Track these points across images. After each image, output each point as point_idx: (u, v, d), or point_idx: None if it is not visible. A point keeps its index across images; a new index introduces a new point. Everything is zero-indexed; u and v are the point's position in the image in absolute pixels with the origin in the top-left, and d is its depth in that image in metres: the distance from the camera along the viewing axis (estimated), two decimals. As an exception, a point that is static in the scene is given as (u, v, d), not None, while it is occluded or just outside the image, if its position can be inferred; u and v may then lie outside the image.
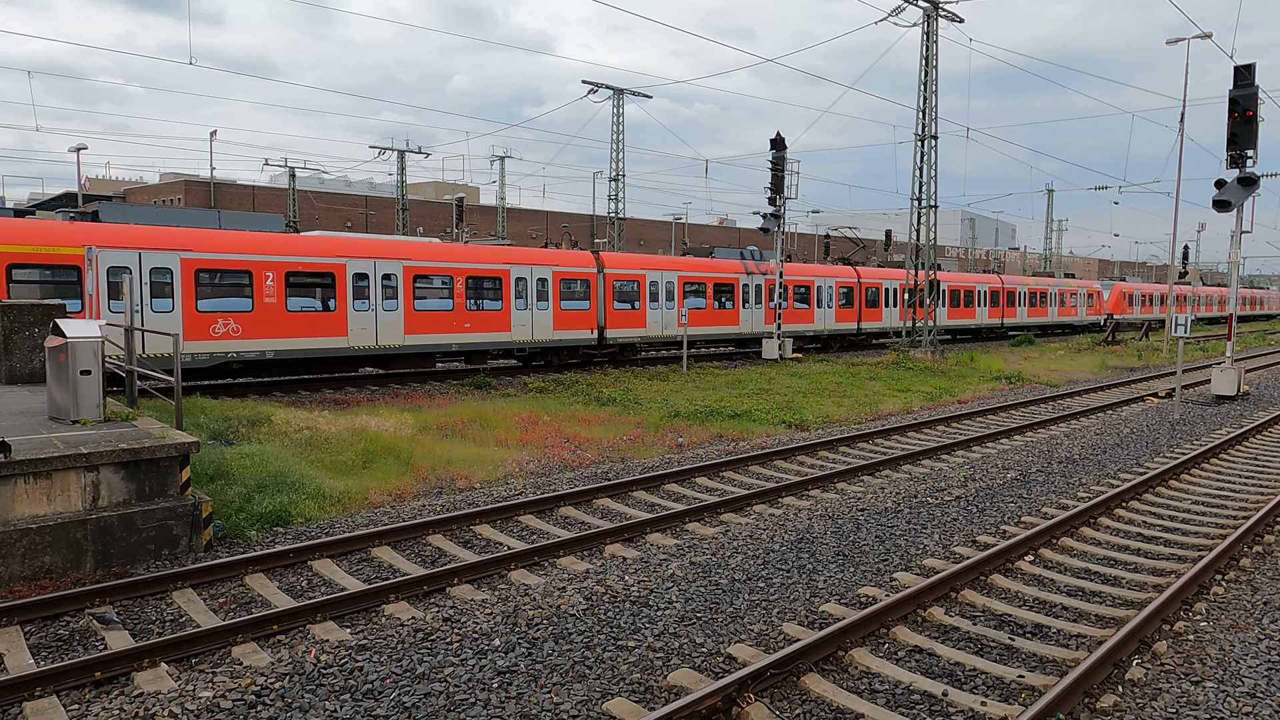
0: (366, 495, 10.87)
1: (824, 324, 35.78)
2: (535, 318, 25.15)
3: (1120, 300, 60.69)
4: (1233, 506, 11.13)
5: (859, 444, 15.33)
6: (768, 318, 32.19)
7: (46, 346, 9.69)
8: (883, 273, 39.35)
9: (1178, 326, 19.52)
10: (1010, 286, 48.00)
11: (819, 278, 35.39)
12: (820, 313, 35.55)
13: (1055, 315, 52.38)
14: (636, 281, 28.07)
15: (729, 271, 31.33)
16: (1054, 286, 52.43)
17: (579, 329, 26.34)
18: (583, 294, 26.44)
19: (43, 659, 6.35)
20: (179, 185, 70.50)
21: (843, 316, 36.65)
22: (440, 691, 5.80)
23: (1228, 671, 6.31)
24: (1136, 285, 64.99)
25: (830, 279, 35.97)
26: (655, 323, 28.50)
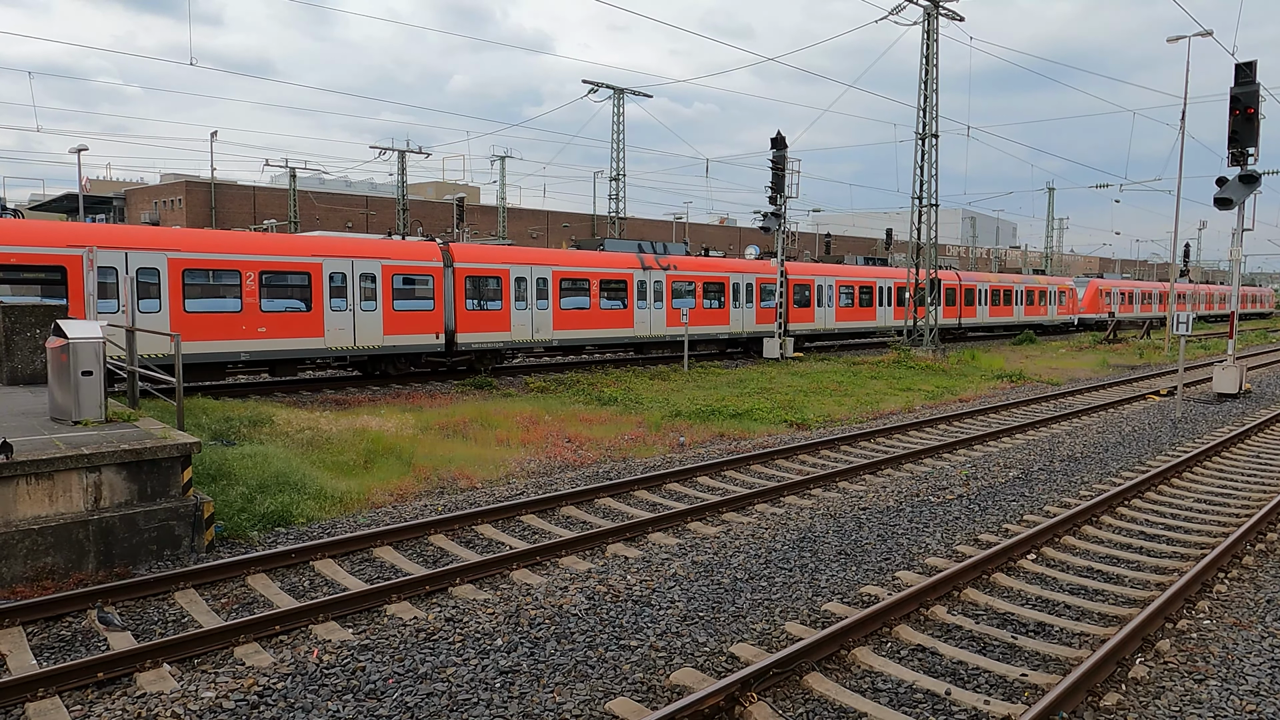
0: (368, 495, 10.87)
1: (742, 325, 31.58)
2: (359, 320, 20.97)
3: (1096, 298, 57.30)
4: (1235, 504, 11.11)
5: (861, 443, 15.32)
6: (669, 318, 28.61)
7: (48, 347, 9.69)
8: (815, 268, 35.82)
9: (1179, 324, 19.50)
10: (969, 284, 44.91)
11: (735, 274, 31.38)
12: (738, 313, 31.47)
13: (1021, 315, 49.14)
14: (498, 278, 23.99)
15: (620, 266, 27.44)
16: (1020, 284, 49.25)
17: (419, 333, 22.20)
18: (425, 293, 22.33)
19: (45, 660, 6.35)
20: (179, 186, 70.53)
21: (765, 318, 32.65)
22: (443, 691, 5.80)
23: (1231, 670, 6.30)
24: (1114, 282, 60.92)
25: (749, 275, 31.88)
26: (523, 326, 24.51)
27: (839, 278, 36.14)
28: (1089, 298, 56.62)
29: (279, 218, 66.65)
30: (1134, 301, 62.99)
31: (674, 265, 29.10)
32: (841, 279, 36.04)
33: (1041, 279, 51.90)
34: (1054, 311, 52.24)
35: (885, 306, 38.58)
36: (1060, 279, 55.18)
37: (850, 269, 37.53)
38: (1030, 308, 49.89)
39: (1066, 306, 53.49)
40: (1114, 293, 59.30)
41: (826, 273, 35.24)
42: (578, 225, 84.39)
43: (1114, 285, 59.75)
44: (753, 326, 32.05)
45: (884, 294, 38.53)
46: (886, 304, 38.64)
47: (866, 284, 37.74)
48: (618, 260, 27.67)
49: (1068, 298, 53.63)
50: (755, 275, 32.17)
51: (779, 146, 30.33)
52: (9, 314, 12.54)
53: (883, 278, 38.76)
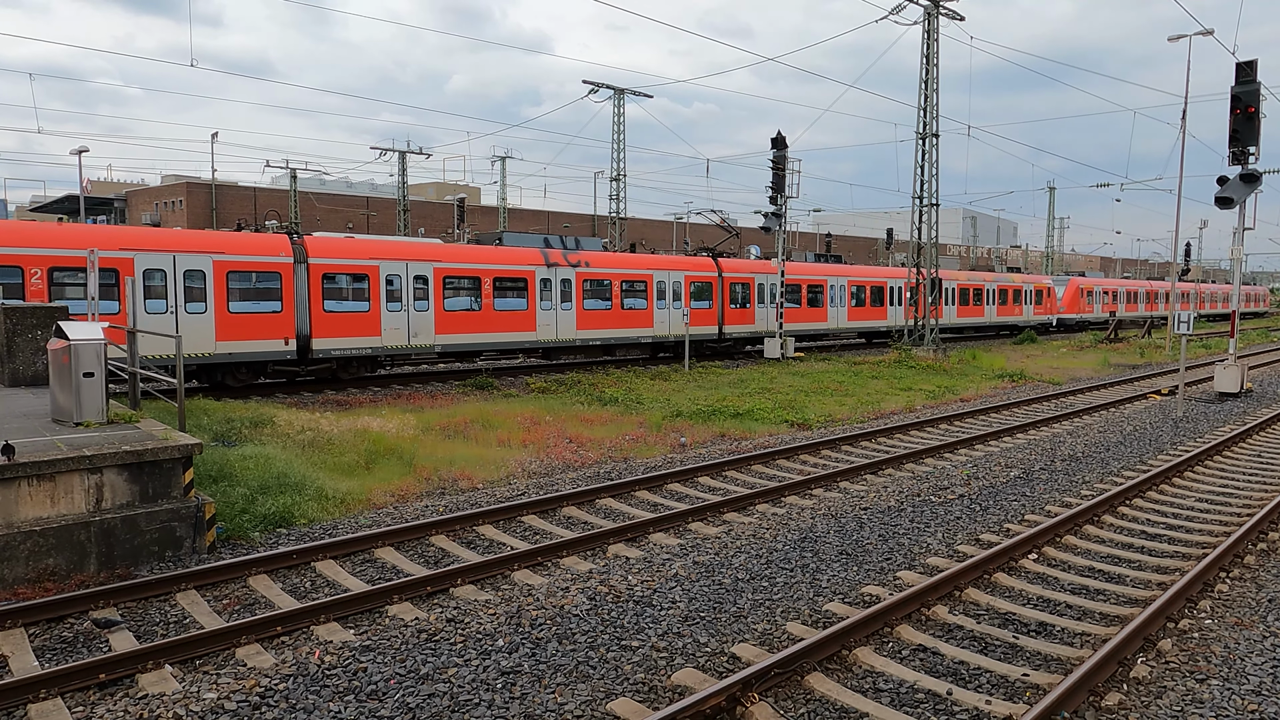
0: (369, 496, 10.87)
1: (668, 329, 28.56)
2: (184, 325, 18.23)
3: (1077, 297, 54.43)
4: (1237, 504, 11.10)
5: (862, 442, 15.31)
6: (580, 320, 25.94)
7: (49, 349, 9.70)
8: (753, 265, 32.52)
9: (1180, 324, 19.50)
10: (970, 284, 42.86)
11: (661, 271, 28.49)
12: (663, 314, 28.48)
13: (994, 315, 46.06)
14: (364, 275, 21.19)
15: (518, 262, 24.58)
16: (992, 282, 46.25)
17: (263, 339, 19.62)
18: (270, 293, 19.68)
19: (47, 661, 6.35)
20: (180, 187, 70.54)
21: (699, 319, 29.83)
22: (444, 692, 5.80)
23: (1233, 669, 6.30)
24: (1097, 281, 58.12)
25: (677, 273, 29.05)
26: (397, 330, 21.69)
27: (688, 272, 31.69)
28: (1069, 297, 54.06)
29: (280, 219, 66.67)
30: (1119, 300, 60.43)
31: (585, 262, 26.22)
32: (695, 274, 31.41)
33: (1016, 277, 49.57)
34: (1030, 311, 49.54)
35: (838, 307, 36.00)
36: (1037, 277, 52.57)
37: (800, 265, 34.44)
38: (1003, 307, 47.25)
39: (1044, 306, 50.96)
40: (1096, 291, 56.89)
41: (675, 266, 30.32)
42: (579, 225, 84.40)
43: (1096, 284, 57.20)
44: (682, 329, 28.75)
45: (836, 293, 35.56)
46: (840, 304, 36.06)
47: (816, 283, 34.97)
48: (516, 256, 24.73)
49: (1045, 297, 51.07)
50: (685, 273, 29.29)
51: (779, 146, 30.33)
52: (10, 315, 12.55)
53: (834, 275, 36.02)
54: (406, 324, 21.91)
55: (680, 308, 29.00)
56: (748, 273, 31.85)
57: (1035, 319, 49.91)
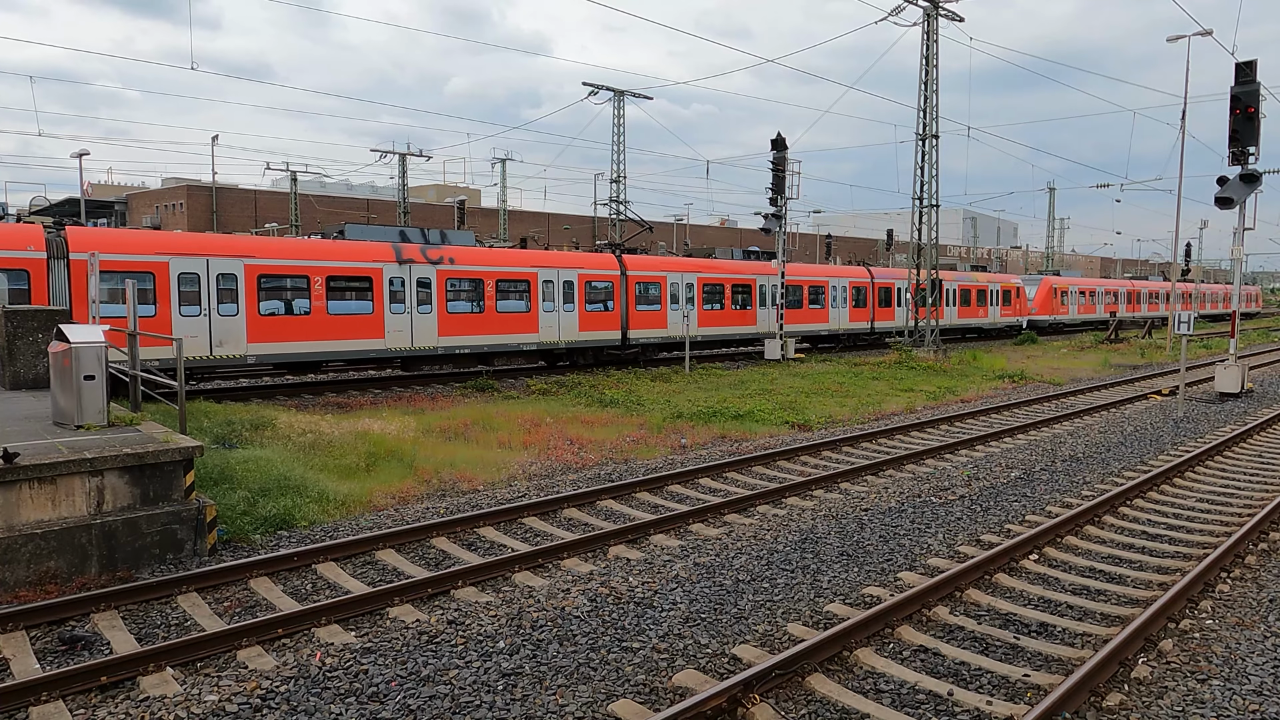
0: (370, 498, 10.88)
1: (557, 334, 25.44)
2: None
3: (1049, 298, 50.78)
4: (1238, 504, 11.10)
5: (862, 443, 15.32)
6: (443, 325, 22.73)
7: (50, 352, 9.71)
8: (664, 263, 29.16)
9: (1180, 324, 19.50)
10: (885, 282, 38.88)
11: (548, 269, 25.28)
12: (551, 317, 25.12)
13: (954, 317, 42.20)
14: (149, 274, 18.08)
15: (361, 258, 21.31)
16: (953, 282, 42.43)
17: None
18: (17, 294, 17.05)
19: (49, 664, 6.36)
20: (181, 190, 70.61)
21: (596, 323, 26.51)
22: (445, 694, 5.81)
23: (1234, 669, 6.30)
24: (1072, 280, 54.37)
25: (569, 271, 25.84)
26: (195, 338, 18.57)
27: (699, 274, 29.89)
28: (1041, 297, 50.44)
29: (280, 221, 66.73)
30: (1097, 300, 56.77)
31: (450, 258, 23.05)
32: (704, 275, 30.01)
33: (981, 276, 45.61)
34: (996, 313, 45.82)
35: (767, 308, 32.22)
36: (1005, 276, 48.63)
37: (643, 261, 29.02)
38: (966, 309, 43.29)
39: (1013, 307, 47.37)
40: (1072, 292, 53.22)
41: (564, 263, 26.53)
42: (579, 227, 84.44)
43: (1072, 284, 53.71)
44: (575, 335, 25.77)
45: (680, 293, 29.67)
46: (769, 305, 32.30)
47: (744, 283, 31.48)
48: (357, 251, 21.45)
49: (1014, 298, 47.51)
50: (579, 271, 26.13)
51: (779, 148, 30.35)
52: (11, 318, 12.56)
53: (756, 274, 32.12)
54: (209, 331, 18.81)
55: (573, 310, 25.76)
56: (658, 271, 28.49)
57: (1002, 321, 46.36)
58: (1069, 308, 52.74)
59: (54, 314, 12.92)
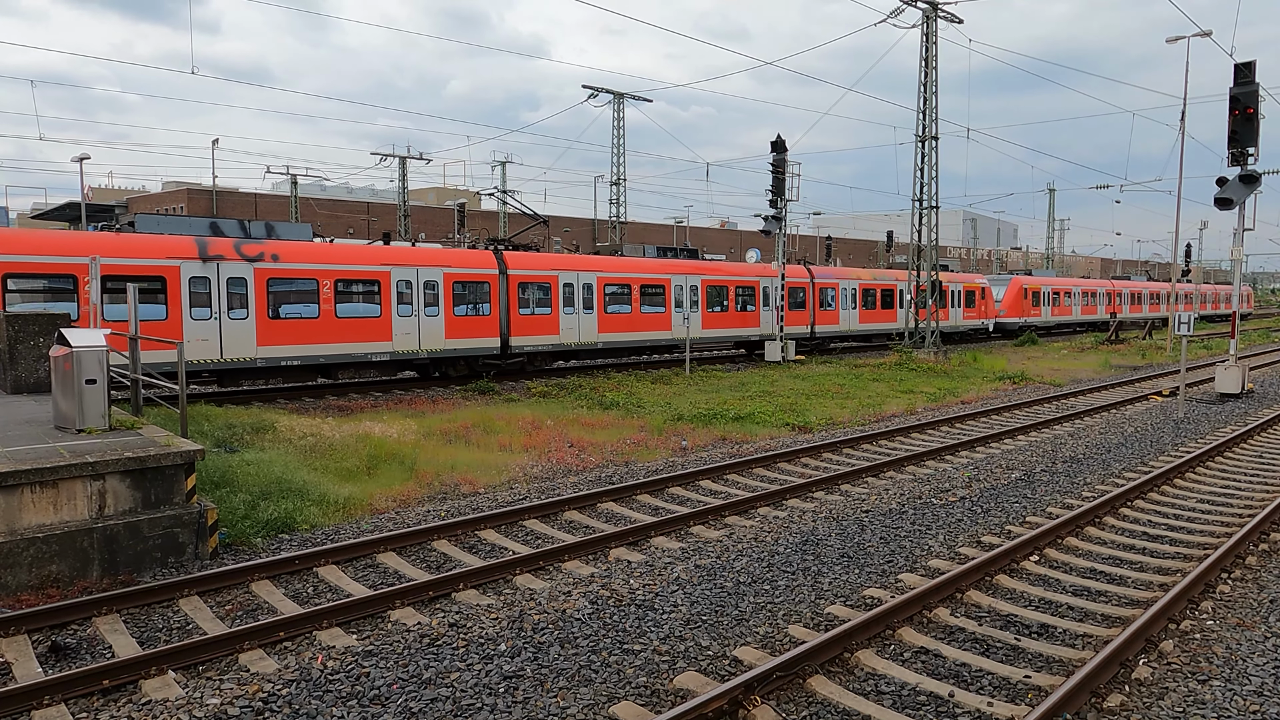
0: (371, 501, 10.89)
1: (417, 342, 22.32)
2: None
3: (1019, 299, 47.34)
4: (1238, 504, 11.11)
5: (863, 445, 15.32)
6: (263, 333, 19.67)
7: (51, 356, 9.73)
8: (557, 260, 25.81)
9: (1181, 325, 19.51)
10: (827, 282, 35.32)
11: (403, 267, 21.99)
12: (409, 322, 22.13)
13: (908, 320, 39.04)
14: None
15: (151, 255, 18.41)
16: (906, 282, 39.08)
17: None
18: None
19: (51, 667, 6.37)
20: (181, 194, 70.69)
21: (467, 329, 23.24)
22: (447, 697, 5.81)
23: (1235, 670, 6.30)
24: (1045, 280, 50.89)
25: (432, 269, 22.44)
26: None
27: (600, 273, 26.77)
28: (1010, 299, 47.09)
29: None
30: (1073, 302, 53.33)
31: (273, 254, 19.92)
32: (608, 275, 27.09)
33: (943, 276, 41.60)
34: (958, 315, 42.31)
35: (683, 310, 29.23)
36: (969, 276, 44.57)
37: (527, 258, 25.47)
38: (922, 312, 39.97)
39: (977, 309, 43.92)
40: (1044, 292, 49.89)
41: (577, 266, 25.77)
42: (579, 230, 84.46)
43: (1045, 284, 50.26)
44: (440, 343, 22.68)
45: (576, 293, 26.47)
46: (685, 307, 29.38)
47: (656, 284, 28.47)
48: (146, 246, 18.42)
49: (979, 299, 44.09)
50: (445, 269, 22.74)
51: (779, 150, 30.38)
52: (13, 323, 12.58)
53: (671, 272, 29.02)
54: None
55: (438, 315, 22.57)
56: (547, 270, 25.19)
57: (965, 324, 42.81)
58: (1041, 310, 49.49)
59: (55, 318, 12.94)
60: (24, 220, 70.53)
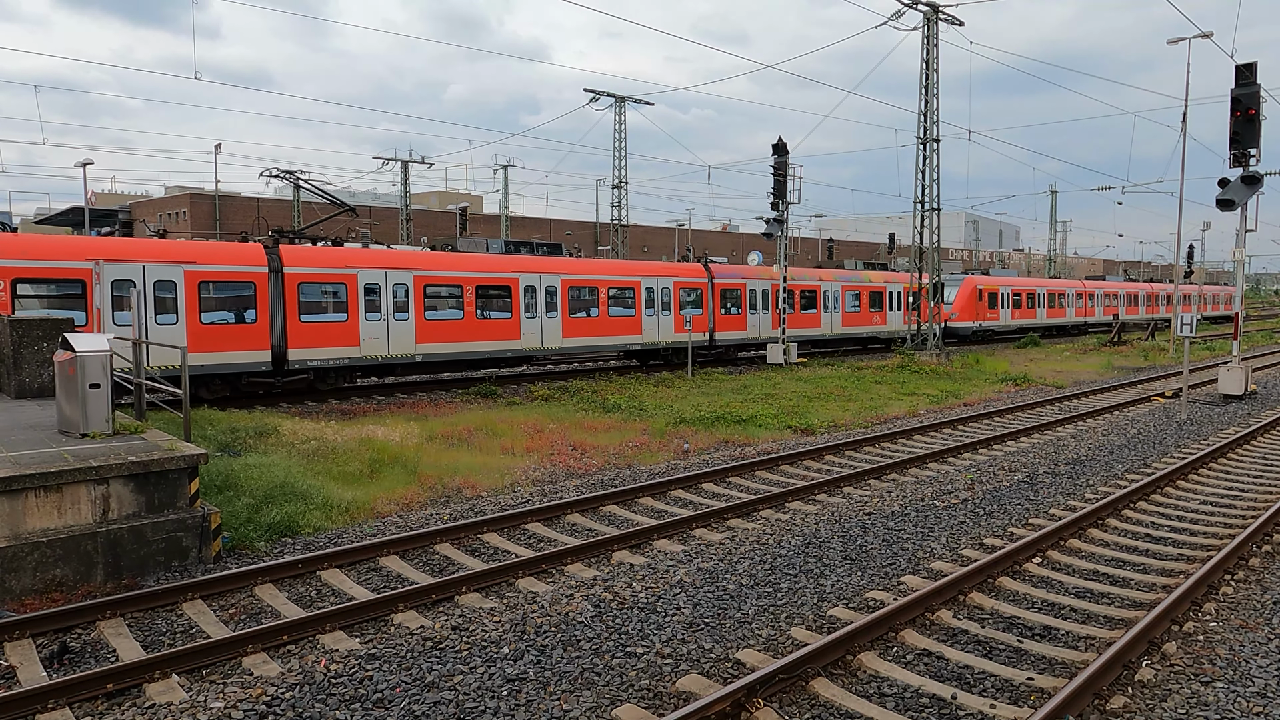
0: (374, 505, 10.90)
1: None
2: None
3: (973, 301, 42.85)
4: (1241, 506, 11.09)
5: (865, 448, 15.32)
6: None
7: (55, 361, 9.76)
8: (349, 256, 21.40)
9: (1183, 327, 19.49)
10: (731, 283, 30.24)
11: (124, 263, 17.74)
12: (168, 331, 18.20)
13: (836, 326, 35.08)
14: None
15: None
16: (832, 283, 34.68)
17: None
18: None
19: (55, 671, 6.38)
20: (184, 198, 70.85)
21: (219, 340, 19.08)
22: (450, 700, 5.82)
23: (1238, 672, 6.30)
24: (1004, 280, 45.85)
25: (168, 266, 18.32)
26: None
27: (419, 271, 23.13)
28: (963, 301, 42.74)
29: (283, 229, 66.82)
30: (1038, 304, 48.98)
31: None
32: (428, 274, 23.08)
33: (876, 275, 38.05)
34: (897, 320, 38.70)
35: (537, 317, 24.98)
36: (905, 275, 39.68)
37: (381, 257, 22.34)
38: (853, 315, 36.20)
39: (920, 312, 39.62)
40: (1003, 294, 45.27)
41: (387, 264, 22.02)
42: (581, 233, 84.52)
43: (1005, 284, 45.52)
44: (211, 356, 18.84)
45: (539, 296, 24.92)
46: (539, 313, 25.10)
47: (500, 284, 24.37)
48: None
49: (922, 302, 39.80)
50: (185, 266, 18.58)
51: (780, 153, 30.40)
52: (17, 327, 12.61)
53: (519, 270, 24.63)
54: None
55: (176, 321, 18.38)
56: (345, 268, 21.05)
57: (905, 329, 38.25)
58: (1000, 312, 44.81)
59: (59, 323, 12.97)
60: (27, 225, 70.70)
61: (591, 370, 28.46)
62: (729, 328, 30.88)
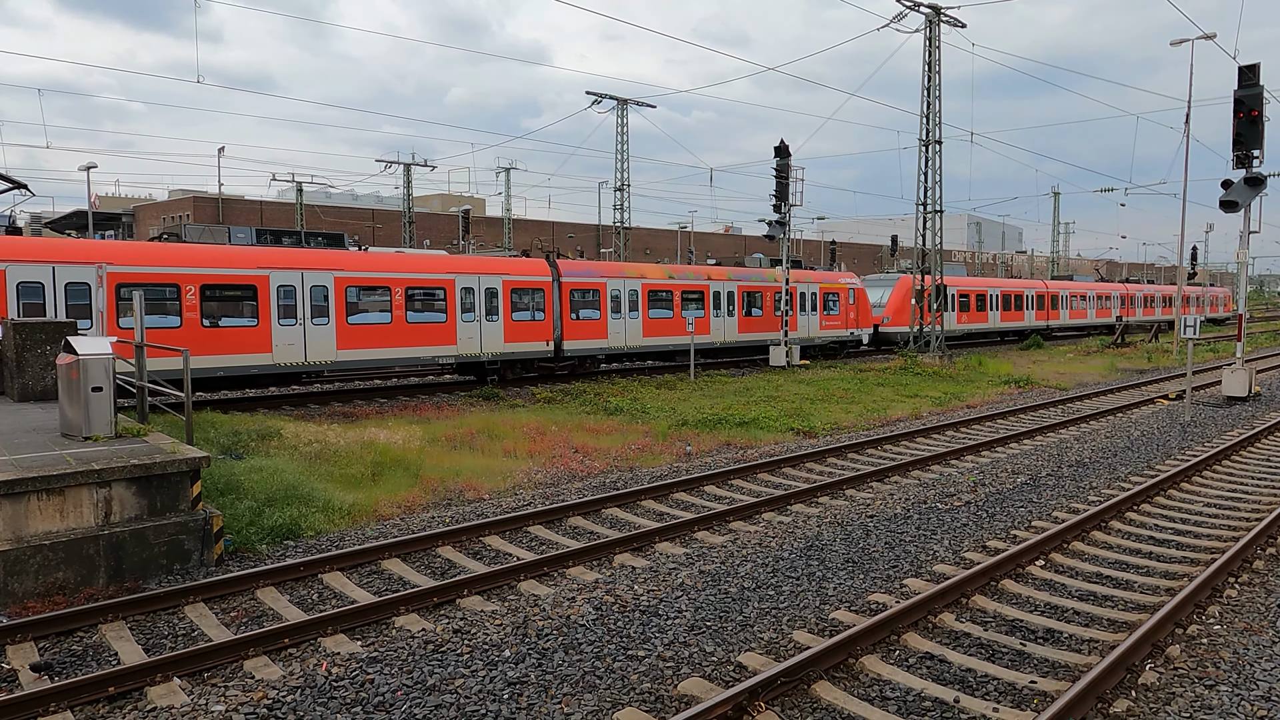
0: (376, 507, 10.90)
1: None
2: None
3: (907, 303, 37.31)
4: (1245, 508, 11.06)
5: (867, 450, 15.29)
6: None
7: (58, 364, 9.77)
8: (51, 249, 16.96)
9: (1187, 328, 19.46)
10: (586, 283, 25.75)
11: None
12: None
13: (729, 331, 30.41)
14: None
15: None
16: (727, 284, 30.04)
17: None
18: None
19: (57, 675, 6.38)
20: (188, 201, 70.99)
21: None
22: (451, 703, 5.82)
23: (1242, 675, 6.27)
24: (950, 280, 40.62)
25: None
26: None
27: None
28: (897, 303, 37.79)
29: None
30: (990, 307, 43.94)
31: None
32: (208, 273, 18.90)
33: (795, 274, 32.94)
34: (813, 325, 33.68)
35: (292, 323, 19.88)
36: (830, 275, 35.48)
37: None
38: (754, 320, 31.20)
39: (841, 316, 34.90)
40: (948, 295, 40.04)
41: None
42: (584, 236, 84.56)
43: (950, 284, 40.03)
44: None
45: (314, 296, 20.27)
46: (286, 318, 19.98)
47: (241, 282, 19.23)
48: None
49: (841, 304, 34.89)
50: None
51: (783, 155, 30.39)
52: (20, 331, 12.64)
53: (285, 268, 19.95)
54: None
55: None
56: (41, 260, 16.47)
57: (824, 334, 34.04)
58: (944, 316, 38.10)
59: (61, 326, 13.00)
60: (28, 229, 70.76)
61: (593, 373, 28.21)
62: (583, 335, 25.95)
